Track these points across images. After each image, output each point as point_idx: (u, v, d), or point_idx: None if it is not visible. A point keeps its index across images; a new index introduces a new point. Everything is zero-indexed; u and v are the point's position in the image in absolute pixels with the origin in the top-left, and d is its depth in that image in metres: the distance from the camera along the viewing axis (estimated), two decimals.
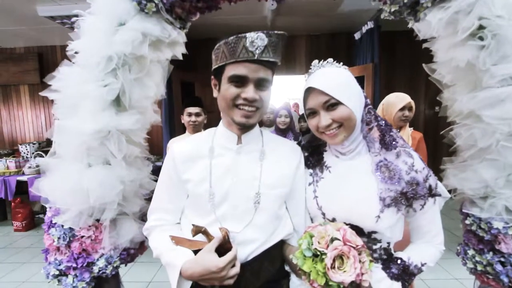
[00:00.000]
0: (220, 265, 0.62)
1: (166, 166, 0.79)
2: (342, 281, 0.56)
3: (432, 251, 0.77)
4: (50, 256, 1.01)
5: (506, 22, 0.83)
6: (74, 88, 0.92)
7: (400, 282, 0.69)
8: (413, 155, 0.74)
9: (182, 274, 0.66)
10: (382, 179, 0.69)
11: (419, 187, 0.69)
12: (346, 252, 0.58)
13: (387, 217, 0.69)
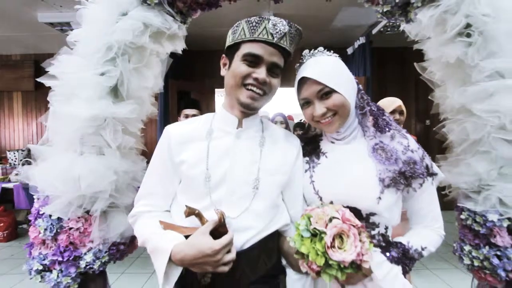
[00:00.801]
0: (215, 247, 0.58)
1: (160, 148, 0.77)
2: (343, 260, 0.54)
3: (432, 235, 0.76)
4: (34, 250, 0.96)
5: (491, 19, 0.88)
6: (72, 75, 0.92)
7: (400, 266, 0.68)
8: (407, 136, 0.75)
9: (172, 258, 0.61)
10: (379, 161, 0.70)
11: (417, 166, 0.70)
12: (346, 230, 0.56)
13: (387, 198, 0.69)
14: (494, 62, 0.90)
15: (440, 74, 1.04)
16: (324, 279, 0.57)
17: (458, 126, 1.00)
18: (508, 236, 0.93)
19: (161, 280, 0.62)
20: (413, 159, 0.70)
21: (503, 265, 0.93)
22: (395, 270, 0.67)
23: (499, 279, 0.95)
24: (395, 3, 0.99)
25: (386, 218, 0.71)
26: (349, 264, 0.56)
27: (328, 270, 0.56)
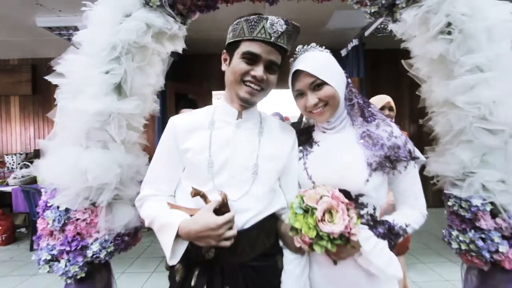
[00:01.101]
0: (218, 222, 0.63)
1: (165, 137, 0.82)
2: (332, 231, 0.60)
3: (415, 214, 0.82)
4: (42, 241, 1.00)
5: (469, 18, 0.95)
6: (79, 73, 0.97)
7: (386, 241, 0.73)
8: (391, 124, 0.81)
9: (179, 233, 0.66)
10: (367, 147, 0.76)
11: (400, 151, 0.76)
12: (334, 205, 0.62)
13: (374, 180, 0.75)
14: (473, 57, 0.97)
15: (425, 70, 1.11)
16: (316, 251, 0.62)
17: (442, 118, 1.07)
18: (491, 219, 0.99)
19: (168, 254, 0.67)
20: (397, 144, 0.77)
21: (487, 247, 0.99)
22: (381, 245, 0.72)
23: (484, 261, 1.01)
24: (381, 4, 1.06)
25: (373, 199, 0.77)
26: (338, 236, 0.61)
27: (319, 242, 0.62)
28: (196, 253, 0.71)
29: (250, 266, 0.73)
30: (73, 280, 0.98)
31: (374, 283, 0.74)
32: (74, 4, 2.69)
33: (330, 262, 0.74)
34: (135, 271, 2.53)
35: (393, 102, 1.68)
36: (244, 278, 0.71)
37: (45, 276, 2.43)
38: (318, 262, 0.77)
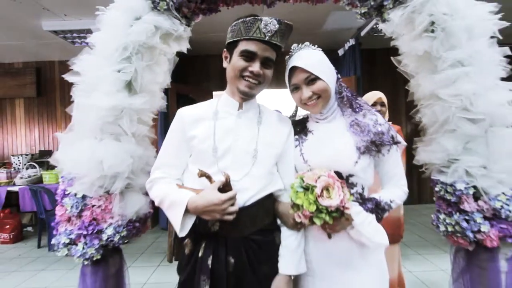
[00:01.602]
0: (222, 198, 0.72)
1: (174, 126, 0.90)
2: (330, 205, 0.68)
3: (398, 191, 0.91)
4: (60, 227, 1.08)
5: (450, 17, 1.04)
6: (93, 72, 1.06)
7: (374, 215, 0.82)
8: (376, 114, 0.90)
9: (187, 208, 0.75)
10: (355, 134, 0.84)
11: (384, 136, 0.85)
12: (331, 183, 0.71)
13: (362, 162, 0.84)
14: (454, 53, 1.05)
15: (413, 66, 1.19)
16: (316, 223, 0.71)
17: (429, 110, 1.16)
18: (474, 202, 1.08)
19: (178, 228, 0.76)
20: (381, 131, 0.85)
21: (470, 227, 1.08)
22: (370, 218, 0.81)
23: (468, 241, 1.10)
24: (370, 5, 1.15)
25: (362, 179, 0.85)
26: (335, 209, 0.70)
27: (319, 215, 0.70)
28: (203, 226, 0.79)
29: (251, 240, 0.81)
30: (90, 262, 1.06)
31: (364, 254, 0.82)
32: (79, 8, 2.79)
33: (324, 236, 0.82)
34: (141, 265, 2.61)
35: (385, 98, 1.76)
36: (246, 250, 0.80)
37: (53, 271, 2.53)
38: (314, 237, 0.86)
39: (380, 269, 0.86)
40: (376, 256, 0.85)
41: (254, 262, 0.80)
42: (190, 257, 0.83)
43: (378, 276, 0.85)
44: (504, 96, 1.06)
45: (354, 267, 0.82)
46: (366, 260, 0.83)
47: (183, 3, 1.10)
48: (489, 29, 1.06)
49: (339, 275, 0.83)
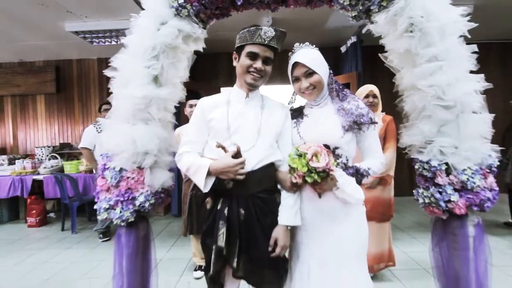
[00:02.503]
0: (235, 162, 0.95)
1: (197, 112, 1.14)
2: (318, 166, 0.89)
3: (375, 161, 1.11)
4: (101, 195, 1.32)
5: (426, 19, 1.22)
6: (128, 68, 1.29)
7: (354, 178, 1.03)
8: (358, 100, 1.10)
9: (209, 170, 0.98)
10: (341, 116, 1.05)
11: (364, 117, 1.05)
12: (319, 151, 0.92)
13: (346, 137, 1.05)
14: (430, 50, 1.24)
15: (396, 61, 1.38)
16: (308, 180, 0.93)
17: (409, 99, 1.35)
18: (446, 176, 1.27)
19: (202, 186, 0.99)
20: (361, 113, 1.05)
21: (442, 198, 1.27)
22: (350, 180, 1.01)
23: (442, 210, 1.29)
24: (359, 9, 1.34)
25: (346, 151, 1.06)
26: (322, 170, 0.91)
27: (309, 174, 0.92)
28: (220, 185, 1.02)
29: (257, 197, 1.03)
30: (125, 223, 1.30)
31: (346, 210, 1.03)
32: (99, 11, 3.04)
33: (315, 196, 1.03)
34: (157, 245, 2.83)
35: (377, 90, 1.94)
36: (253, 204, 1.02)
37: (77, 249, 2.81)
38: (307, 197, 1.06)
39: (359, 223, 1.07)
40: (356, 212, 1.05)
41: (260, 214, 1.02)
42: (211, 211, 1.06)
43: (357, 228, 1.06)
44: (472, 86, 1.25)
45: (339, 221, 1.03)
46: (348, 215, 1.04)
47: (201, 10, 1.31)
48: (459, 29, 1.25)
49: (326, 227, 1.04)
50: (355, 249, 1.05)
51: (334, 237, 1.03)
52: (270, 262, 1.02)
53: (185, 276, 2.22)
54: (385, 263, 2.00)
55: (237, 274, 1.01)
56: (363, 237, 1.07)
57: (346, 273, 1.02)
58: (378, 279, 2.04)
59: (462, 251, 1.30)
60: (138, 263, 1.38)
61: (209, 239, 1.04)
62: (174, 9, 1.28)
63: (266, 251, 1.01)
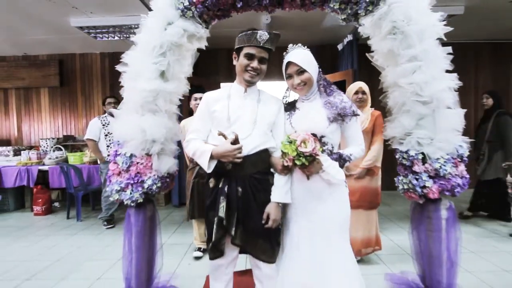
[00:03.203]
0: (233, 147, 1.10)
1: (201, 105, 1.29)
2: (305, 151, 1.04)
3: (356, 148, 1.26)
4: (113, 178, 1.46)
5: (406, 23, 1.36)
6: (137, 63, 1.42)
7: (337, 162, 1.17)
8: (343, 95, 1.25)
9: (212, 154, 1.13)
10: (327, 109, 1.19)
11: (347, 110, 1.19)
12: (307, 138, 1.06)
13: (331, 127, 1.19)
14: (410, 51, 1.38)
15: (381, 61, 1.52)
16: (297, 163, 1.07)
17: (392, 94, 1.49)
18: (422, 165, 1.42)
19: (206, 167, 1.14)
20: (345, 106, 1.20)
21: (419, 184, 1.42)
22: (334, 164, 1.16)
23: (418, 195, 1.44)
24: (348, 13, 1.47)
25: (331, 139, 1.20)
26: (309, 154, 1.05)
27: (298, 158, 1.06)
28: (221, 166, 1.17)
29: (253, 177, 1.18)
30: (134, 204, 1.44)
31: (330, 190, 1.18)
32: (104, 7, 3.14)
33: (304, 178, 1.18)
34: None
35: (365, 87, 2.08)
36: (249, 183, 1.17)
37: (83, 235, 2.96)
38: (297, 178, 1.21)
39: (341, 201, 1.22)
40: (339, 191, 1.20)
41: (255, 192, 1.17)
42: (213, 189, 1.21)
43: (340, 205, 1.22)
44: (447, 84, 1.39)
45: (324, 199, 1.18)
46: (332, 195, 1.19)
47: (204, 12, 1.44)
48: (436, 33, 1.38)
49: (313, 205, 1.19)
50: (338, 223, 1.21)
51: (320, 213, 1.19)
52: (263, 234, 1.18)
53: (186, 259, 2.37)
54: (372, 248, 2.16)
55: (235, 241, 1.17)
56: (345, 212, 1.23)
57: (330, 244, 1.17)
58: (366, 262, 2.21)
59: (435, 232, 1.46)
60: (145, 241, 1.53)
61: (211, 213, 1.19)
62: (180, 10, 1.41)
63: (260, 224, 1.17)
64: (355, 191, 2.06)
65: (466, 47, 4.47)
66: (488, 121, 3.05)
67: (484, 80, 4.61)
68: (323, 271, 1.15)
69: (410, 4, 1.36)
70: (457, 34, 4.10)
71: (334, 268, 1.16)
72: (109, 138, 3.21)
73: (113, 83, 4.65)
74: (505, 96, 4.61)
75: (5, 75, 4.70)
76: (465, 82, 5.08)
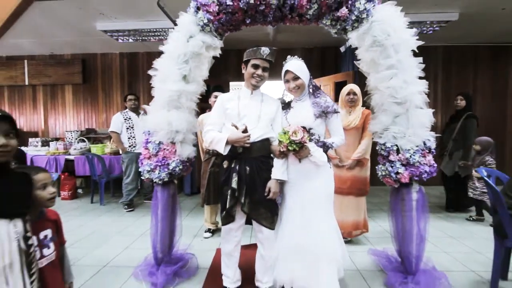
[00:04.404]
0: (244, 135, 1.43)
1: (217, 104, 1.61)
2: (296, 139, 1.36)
3: (337, 138, 1.56)
4: (144, 161, 1.82)
5: (385, 38, 1.65)
6: (165, 69, 1.76)
7: (321, 148, 1.49)
8: (327, 97, 1.55)
9: (227, 140, 1.46)
10: (314, 107, 1.51)
11: (329, 108, 1.50)
12: (297, 129, 1.38)
13: (317, 121, 1.50)
14: (388, 61, 1.67)
15: (365, 68, 1.82)
16: (290, 149, 1.39)
17: (373, 97, 1.79)
18: (396, 155, 1.71)
19: (222, 150, 1.47)
20: (328, 105, 1.50)
21: (393, 171, 1.72)
22: (319, 149, 1.46)
23: (393, 180, 1.75)
24: (338, 28, 1.77)
25: (317, 131, 1.51)
26: (299, 142, 1.37)
27: (291, 145, 1.38)
28: (234, 150, 1.49)
29: (258, 159, 1.51)
30: (161, 182, 1.79)
31: (317, 170, 1.49)
32: (127, 13, 3.50)
33: (297, 161, 1.50)
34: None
35: (356, 88, 2.36)
36: (255, 164, 1.50)
37: (107, 217, 3.35)
38: (292, 162, 1.53)
39: (326, 179, 1.53)
40: (324, 172, 1.52)
41: (259, 171, 1.50)
42: (227, 169, 1.54)
43: (325, 182, 1.53)
44: (418, 88, 1.68)
45: (311, 178, 1.50)
46: (318, 174, 1.50)
47: (219, 27, 1.77)
48: (410, 46, 1.67)
49: (303, 183, 1.51)
50: (324, 197, 1.52)
51: (309, 189, 1.50)
52: (265, 204, 1.51)
53: (198, 237, 2.72)
54: (360, 230, 2.45)
55: (243, 209, 1.50)
56: (329, 189, 1.54)
57: (317, 213, 1.49)
58: (355, 243, 2.51)
59: (407, 212, 1.76)
60: (169, 213, 1.88)
61: (225, 187, 1.52)
62: (200, 26, 1.74)
63: (263, 196, 1.50)
64: (346, 180, 2.37)
65: (465, 49, 4.67)
66: (457, 121, 3.28)
67: (482, 80, 4.79)
68: (311, 233, 1.47)
69: (389, 23, 1.65)
70: (455, 37, 4.33)
71: (320, 230, 1.48)
72: (130, 131, 3.59)
73: (131, 80, 5.04)
74: (503, 96, 4.81)
75: (34, 73, 5.14)
76: (464, 82, 5.48)
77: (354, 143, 2.35)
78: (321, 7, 1.68)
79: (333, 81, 4.45)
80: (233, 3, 1.67)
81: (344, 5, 1.66)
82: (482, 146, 2.95)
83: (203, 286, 1.82)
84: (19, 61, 5.15)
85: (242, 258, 1.74)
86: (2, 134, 0.81)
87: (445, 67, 4.75)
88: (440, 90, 4.79)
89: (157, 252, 1.86)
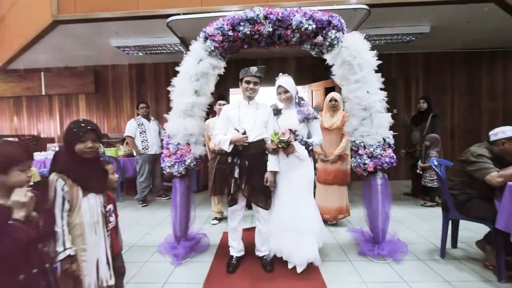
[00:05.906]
0: (243, 136, 1.88)
1: (222, 112, 2.07)
2: (284, 139, 1.82)
3: (317, 138, 2.02)
4: (165, 159, 2.29)
5: (352, 59, 2.13)
6: (180, 85, 2.24)
7: (304, 146, 1.95)
8: (309, 106, 2.02)
9: (231, 140, 1.91)
10: (299, 114, 1.98)
11: (310, 115, 1.97)
12: (285, 131, 1.85)
13: (301, 125, 1.96)
14: (355, 76, 2.15)
15: (339, 81, 2.30)
16: (280, 146, 1.85)
17: (346, 104, 2.27)
18: (363, 150, 2.19)
19: (227, 148, 1.93)
20: (309, 113, 1.97)
21: (361, 161, 2.20)
22: (302, 146, 1.92)
23: (362, 169, 2.22)
24: (316, 50, 2.25)
25: (301, 133, 1.96)
26: (286, 141, 1.83)
27: (280, 143, 1.84)
28: (236, 148, 1.94)
29: (255, 156, 1.96)
30: (179, 175, 2.26)
31: (301, 163, 1.94)
32: (139, 31, 3.97)
33: (285, 156, 1.96)
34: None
35: (337, 96, 2.83)
36: (253, 159, 1.95)
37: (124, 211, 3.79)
38: (282, 157, 1.99)
39: (307, 170, 1.98)
40: (306, 164, 1.98)
41: (257, 164, 1.96)
42: (231, 163, 1.99)
43: (306, 172, 1.98)
44: (379, 97, 2.15)
45: (296, 168, 1.96)
46: (301, 166, 1.96)
47: (223, 52, 2.24)
48: (372, 65, 2.15)
49: (290, 172, 1.97)
50: (306, 183, 1.98)
51: (294, 178, 1.97)
52: (261, 190, 1.98)
53: (207, 224, 3.18)
54: (343, 214, 2.92)
55: (244, 194, 1.96)
56: (310, 177, 2.00)
57: (299, 196, 1.96)
58: (339, 225, 2.97)
59: (374, 194, 2.23)
60: (185, 200, 2.35)
61: (230, 177, 1.97)
62: (208, 52, 2.22)
63: (259, 184, 1.96)
64: (330, 172, 2.84)
65: (442, 55, 5.16)
66: (425, 121, 3.78)
67: (459, 82, 5.28)
68: (295, 213, 1.94)
69: (354, 47, 2.13)
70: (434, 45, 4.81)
71: (302, 210, 1.95)
72: (143, 135, 4.06)
73: (139, 89, 5.51)
74: (478, 94, 5.29)
75: (49, 84, 5.61)
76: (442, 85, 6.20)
77: (337, 141, 2.82)
78: (302, 36, 2.16)
79: (323, 87, 4.93)
80: (233, 33, 2.15)
81: (319, 34, 2.14)
82: (431, 141, 3.45)
83: (214, 257, 2.29)
84: (36, 73, 5.62)
85: (244, 238, 2.21)
86: (91, 140, 1.28)
87: (425, 71, 5.24)
88: (421, 92, 5.26)
89: (176, 231, 2.33)
